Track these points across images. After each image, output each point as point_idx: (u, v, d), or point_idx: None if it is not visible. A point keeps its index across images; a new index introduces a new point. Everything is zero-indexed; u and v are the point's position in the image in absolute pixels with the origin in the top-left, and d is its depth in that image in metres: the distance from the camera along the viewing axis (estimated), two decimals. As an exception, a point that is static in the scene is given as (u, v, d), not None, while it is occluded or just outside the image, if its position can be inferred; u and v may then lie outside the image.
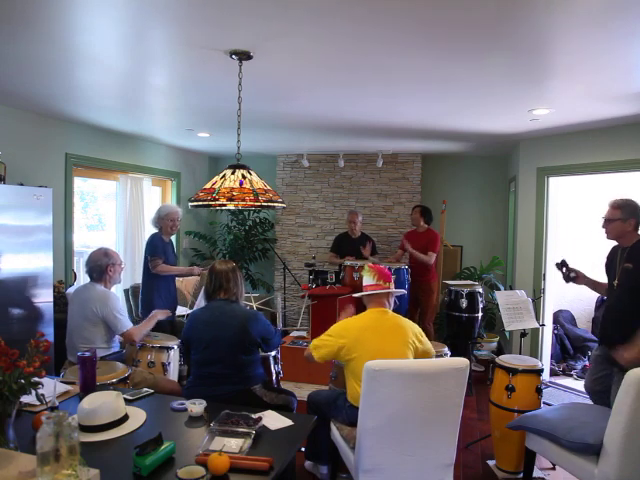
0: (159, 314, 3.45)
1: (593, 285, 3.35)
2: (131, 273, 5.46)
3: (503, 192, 6.33)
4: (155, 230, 4.24)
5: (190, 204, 2.67)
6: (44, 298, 3.64)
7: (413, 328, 2.73)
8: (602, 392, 3.04)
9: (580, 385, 4.80)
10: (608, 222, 3.02)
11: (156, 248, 4.11)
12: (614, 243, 3.14)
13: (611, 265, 3.13)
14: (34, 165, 4.20)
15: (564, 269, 3.29)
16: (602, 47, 2.43)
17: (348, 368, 2.64)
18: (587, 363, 5.16)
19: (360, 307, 2.89)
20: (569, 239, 5.37)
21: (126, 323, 3.12)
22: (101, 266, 3.16)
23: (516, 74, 2.91)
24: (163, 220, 4.17)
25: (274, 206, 2.64)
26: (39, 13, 2.14)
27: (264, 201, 2.58)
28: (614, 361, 2.81)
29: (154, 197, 6.12)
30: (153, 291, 4.06)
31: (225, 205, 2.52)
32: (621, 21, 2.11)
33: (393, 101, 3.63)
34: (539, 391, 3.16)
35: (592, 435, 2.37)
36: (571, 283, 3.36)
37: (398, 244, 5.92)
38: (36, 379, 1.74)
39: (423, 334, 2.78)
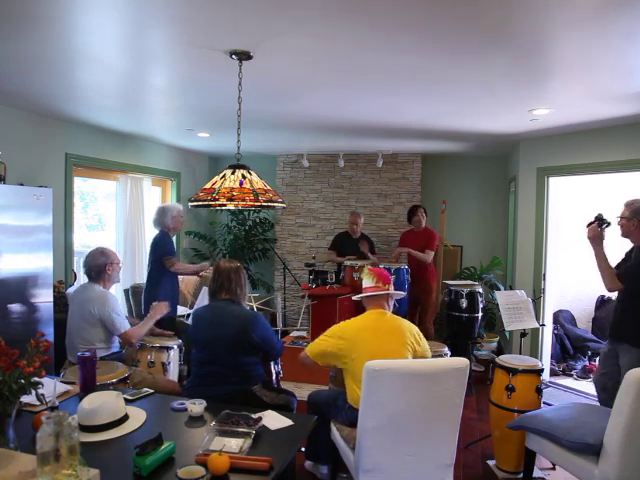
0: (158, 312, 3.39)
1: (603, 257, 3.09)
2: (131, 273, 5.46)
3: (503, 192, 6.33)
4: (157, 231, 4.23)
5: (190, 204, 2.67)
6: (44, 298, 3.64)
7: (411, 329, 2.73)
8: (612, 388, 3.08)
9: (580, 385, 4.82)
10: (619, 219, 3.12)
11: (171, 247, 4.13)
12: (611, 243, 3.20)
13: (624, 263, 3.19)
14: (34, 165, 4.20)
15: (601, 222, 3.09)
16: (602, 47, 2.43)
17: (347, 370, 2.63)
18: (587, 363, 5.16)
19: (360, 309, 2.89)
20: (569, 239, 5.36)
21: (124, 324, 3.09)
22: (99, 266, 3.15)
23: (516, 74, 2.91)
24: (175, 218, 4.18)
25: (274, 206, 2.64)
26: (39, 13, 2.14)
27: (264, 201, 2.58)
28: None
29: (154, 197, 6.12)
30: (159, 290, 4.06)
31: (225, 205, 2.52)
32: (621, 21, 2.11)
33: (393, 101, 3.63)
34: (539, 391, 3.16)
35: (592, 435, 2.37)
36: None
37: (398, 244, 5.92)
38: (36, 379, 1.73)
39: (421, 335, 2.78)
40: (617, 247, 3.27)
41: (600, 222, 3.08)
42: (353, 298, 3.01)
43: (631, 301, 3.03)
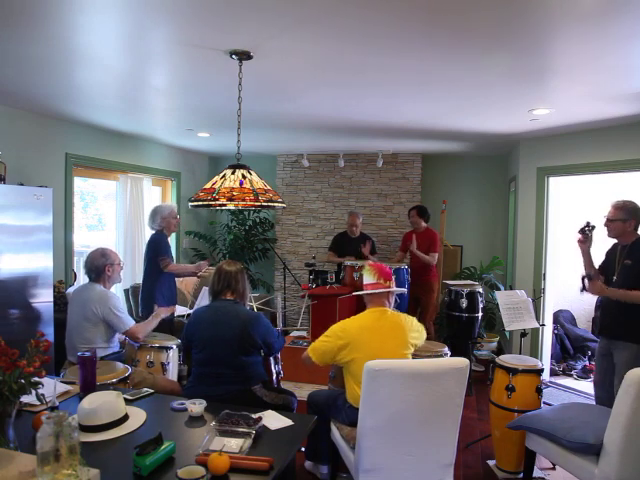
0: (163, 312, 3.45)
1: (588, 260, 3.29)
2: (131, 273, 5.46)
3: (503, 192, 6.33)
4: (153, 231, 4.21)
5: (190, 204, 2.67)
6: (44, 298, 3.64)
7: (412, 326, 2.73)
8: (608, 387, 3.14)
9: (580, 385, 4.82)
10: (610, 222, 3.15)
11: (166, 247, 4.09)
12: (613, 241, 3.27)
13: (609, 262, 3.25)
14: (34, 165, 4.20)
15: (588, 229, 3.23)
16: (602, 48, 2.43)
17: (347, 369, 2.64)
18: (587, 363, 5.16)
19: (360, 308, 2.88)
20: (569, 239, 5.36)
21: (128, 321, 3.12)
22: (98, 267, 3.16)
23: (516, 74, 2.91)
24: (167, 219, 4.13)
25: (274, 206, 2.64)
26: (39, 13, 2.14)
27: (264, 201, 2.58)
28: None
29: (154, 197, 6.11)
30: (155, 290, 4.03)
31: (225, 205, 2.52)
32: (622, 22, 2.11)
33: (393, 101, 3.63)
34: (539, 391, 3.16)
35: (592, 435, 2.37)
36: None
37: (398, 244, 5.91)
38: (36, 379, 1.73)
39: (421, 328, 2.78)
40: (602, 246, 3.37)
41: (589, 227, 3.20)
42: (353, 294, 3.01)
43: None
